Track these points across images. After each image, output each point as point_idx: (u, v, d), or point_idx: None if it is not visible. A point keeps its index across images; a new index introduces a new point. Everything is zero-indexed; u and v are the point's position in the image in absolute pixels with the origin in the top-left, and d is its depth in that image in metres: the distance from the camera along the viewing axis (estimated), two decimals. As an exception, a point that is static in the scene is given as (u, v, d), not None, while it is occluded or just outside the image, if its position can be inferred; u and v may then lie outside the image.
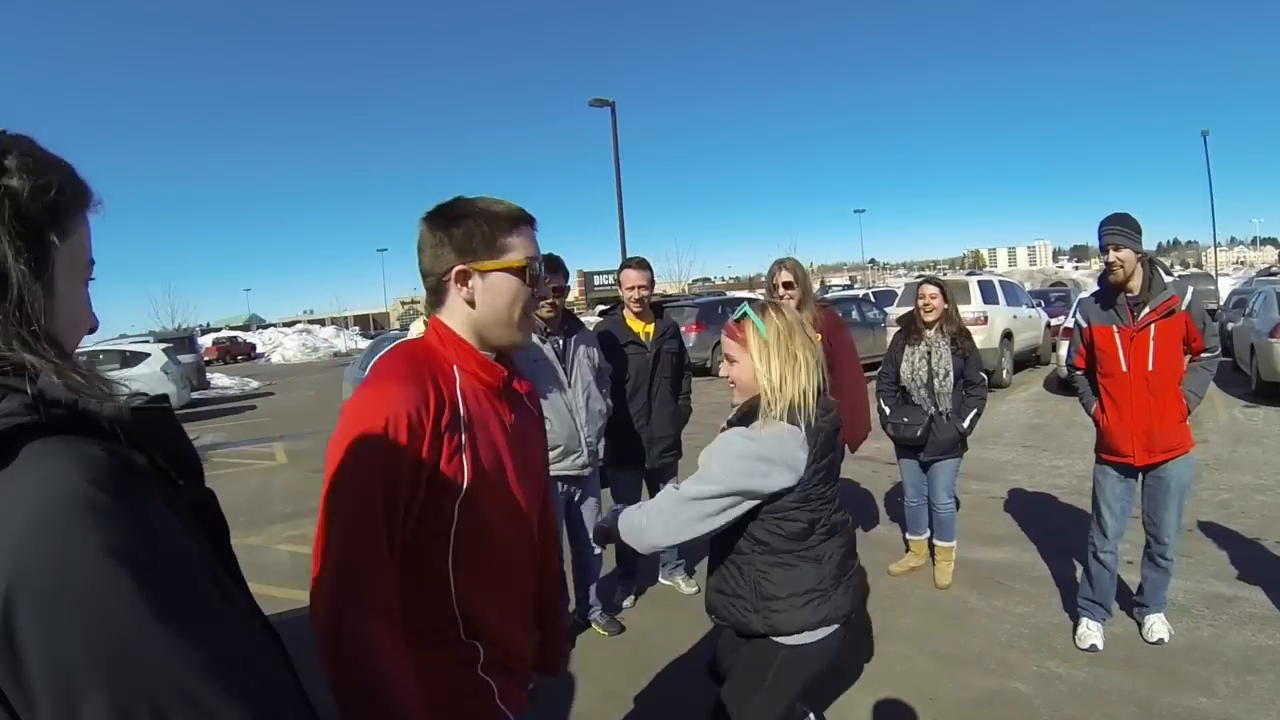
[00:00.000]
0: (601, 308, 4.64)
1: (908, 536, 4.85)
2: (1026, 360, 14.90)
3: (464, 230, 1.29)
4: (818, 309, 4.09)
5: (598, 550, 3.85)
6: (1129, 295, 3.41)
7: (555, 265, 3.58)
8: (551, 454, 3.50)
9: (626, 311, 4.18)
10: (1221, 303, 19.74)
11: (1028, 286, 22.20)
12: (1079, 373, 3.86)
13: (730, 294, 28.69)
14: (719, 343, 4.53)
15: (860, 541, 5.43)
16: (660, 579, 4.63)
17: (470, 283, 1.30)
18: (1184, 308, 3.40)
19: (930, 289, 4.51)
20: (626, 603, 4.36)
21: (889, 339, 13.44)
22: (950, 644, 3.91)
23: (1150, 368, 3.40)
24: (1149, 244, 3.54)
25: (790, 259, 4.19)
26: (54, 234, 0.71)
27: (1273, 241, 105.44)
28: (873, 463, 7.27)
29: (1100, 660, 3.71)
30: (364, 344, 19.99)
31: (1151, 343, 3.39)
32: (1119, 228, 3.36)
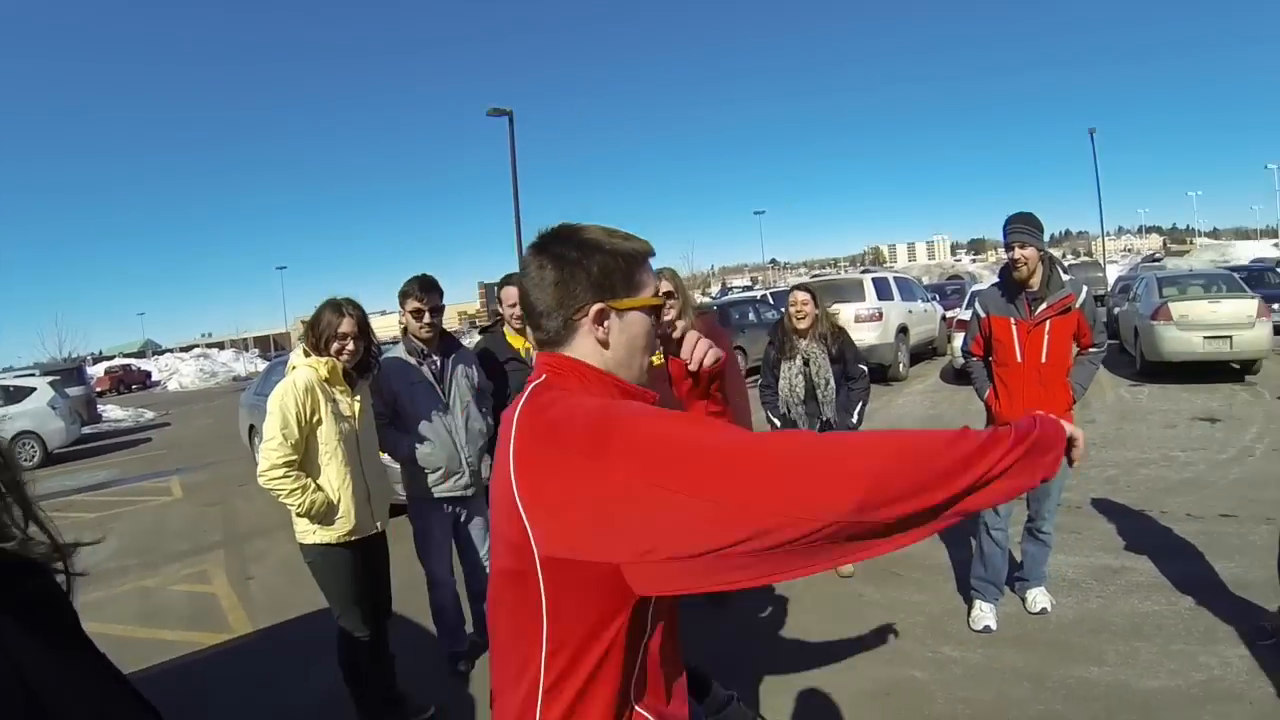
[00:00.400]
0: (482, 324, 4.73)
1: None
2: (923, 353, 15.73)
3: (601, 266, 1.24)
4: (697, 317, 4.26)
5: (487, 570, 3.84)
6: (1029, 291, 3.79)
7: (429, 285, 3.72)
8: (434, 476, 3.68)
9: (507, 328, 4.31)
10: (1109, 289, 21.29)
11: (926, 281, 23.34)
12: (975, 359, 4.06)
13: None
14: None
15: None
16: None
17: (607, 322, 1.25)
18: (1078, 306, 3.80)
19: (801, 295, 4.68)
20: None
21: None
22: (847, 637, 4.06)
23: (1043, 360, 3.78)
24: (1045, 234, 3.89)
25: (669, 269, 4.30)
26: None
27: (1157, 230, 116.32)
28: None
29: (994, 640, 3.90)
30: (263, 366, 19.34)
31: (1046, 337, 3.76)
32: (1024, 226, 3.73)
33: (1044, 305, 3.78)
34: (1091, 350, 4.00)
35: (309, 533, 3.21)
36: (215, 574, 6.44)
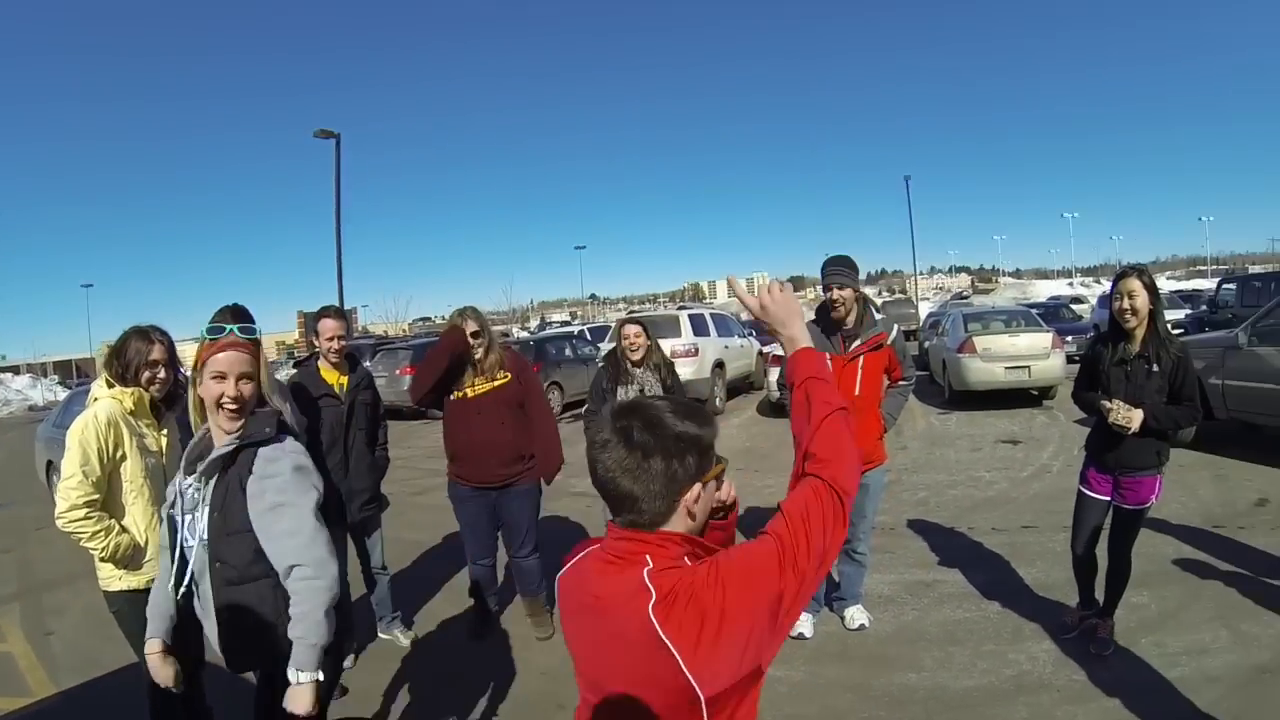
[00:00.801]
0: (296, 358, 4.70)
1: None
2: (740, 387, 16.35)
3: (699, 451, 1.44)
4: (504, 351, 4.56)
5: None
6: (844, 328, 4.16)
7: (242, 315, 3.51)
8: None
9: (321, 362, 4.38)
10: (921, 324, 23.28)
11: (744, 317, 24.33)
12: (790, 392, 4.26)
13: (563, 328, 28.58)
14: None
15: None
16: (379, 634, 4.78)
17: (700, 500, 1.45)
18: (889, 343, 4.24)
19: (633, 329, 4.99)
20: (347, 663, 4.32)
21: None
22: None
23: (856, 393, 4.11)
24: (860, 273, 4.33)
25: (470, 308, 4.54)
26: None
27: (966, 269, 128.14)
28: (585, 497, 7.40)
29: (816, 657, 4.11)
30: (64, 396, 17.16)
31: (860, 371, 4.14)
32: (842, 269, 4.14)
33: (858, 342, 4.16)
34: (901, 383, 4.44)
35: (114, 579, 3.05)
36: (10, 630, 5.83)
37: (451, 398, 4.40)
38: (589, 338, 20.06)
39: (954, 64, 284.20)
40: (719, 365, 14.69)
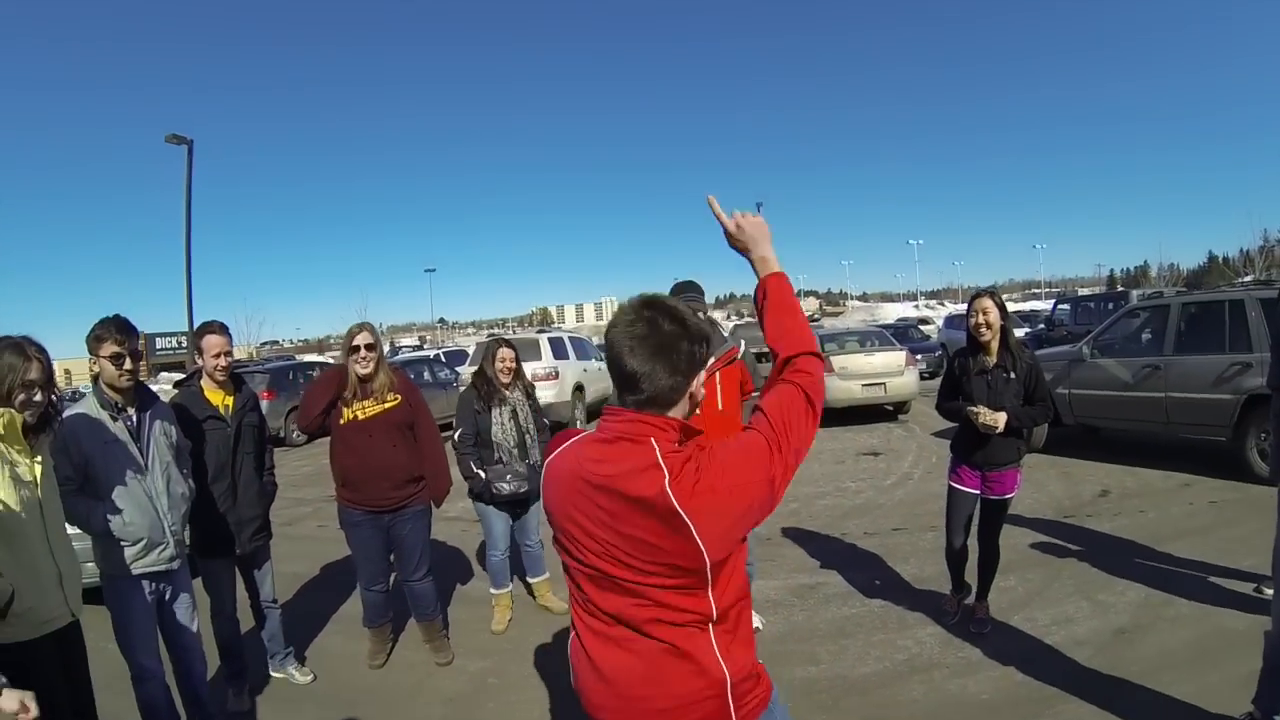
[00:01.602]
0: (177, 377, 4.48)
1: (494, 591, 5.21)
2: (598, 410, 16.48)
3: (706, 344, 1.69)
4: (392, 373, 4.53)
5: (199, 653, 3.74)
6: None
7: (127, 327, 3.46)
8: (135, 549, 3.39)
9: (204, 382, 4.20)
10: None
11: (597, 341, 24.67)
12: None
13: (301, 357, 27.45)
14: (293, 409, 4.32)
15: (461, 600, 5.60)
16: (271, 672, 4.60)
17: (699, 387, 1.70)
18: (740, 357, 4.50)
19: (509, 351, 5.16)
20: (241, 705, 4.28)
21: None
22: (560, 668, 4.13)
23: (719, 407, 4.32)
24: (710, 297, 4.48)
25: (367, 323, 4.50)
26: None
27: (814, 293, 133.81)
28: (462, 521, 7.33)
29: None
30: None
31: (719, 387, 4.30)
32: (692, 294, 4.48)
33: (711, 359, 4.27)
34: (753, 395, 4.69)
35: None
36: None
37: (341, 421, 4.35)
38: (444, 361, 19.91)
39: (808, 91, 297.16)
40: (579, 388, 14.96)
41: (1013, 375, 4.11)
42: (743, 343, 4.62)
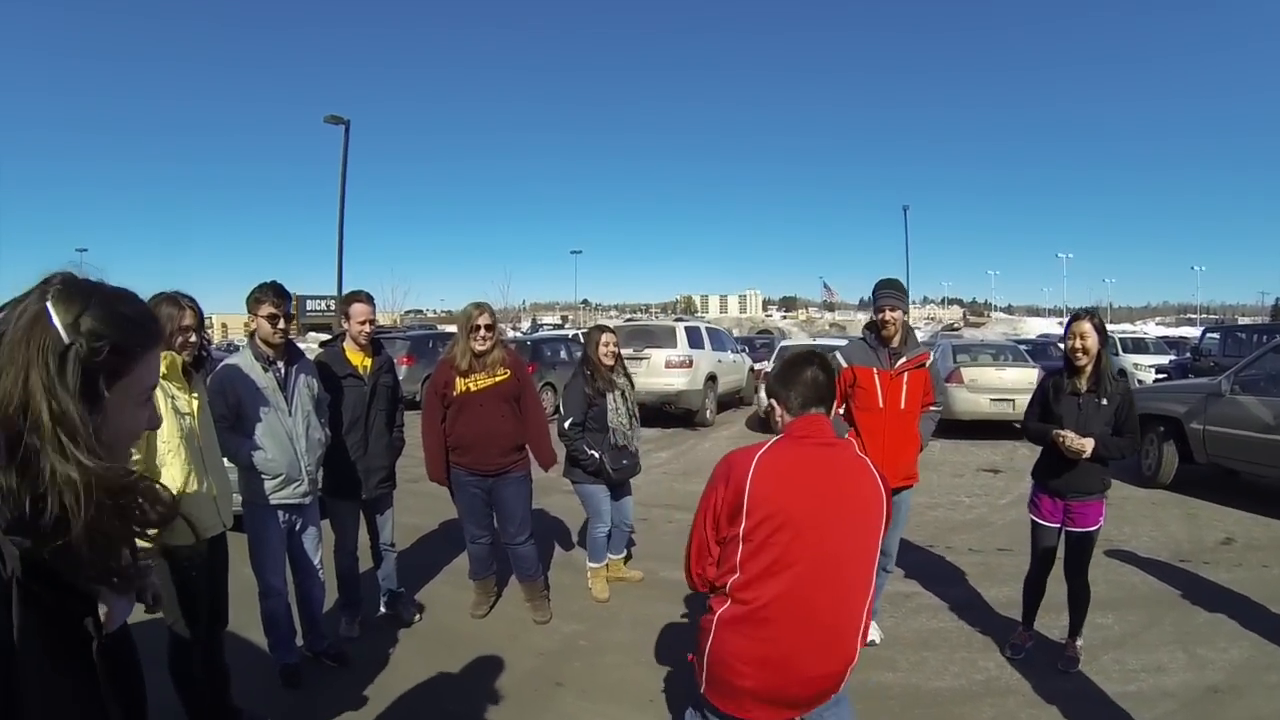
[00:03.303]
0: (324, 337, 5.09)
1: (592, 565, 5.48)
2: (730, 401, 16.65)
3: None
4: (504, 349, 4.89)
5: (321, 580, 4.25)
6: (890, 346, 4.40)
7: (283, 292, 3.95)
8: (274, 482, 3.85)
9: (347, 344, 4.63)
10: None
11: (736, 333, 24.74)
12: None
13: (442, 328, 28.87)
14: (429, 376, 4.71)
15: (564, 565, 5.89)
16: (382, 608, 5.00)
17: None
18: (929, 365, 4.54)
19: (610, 336, 5.42)
20: (353, 632, 4.73)
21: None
22: (662, 653, 4.44)
23: (902, 406, 4.39)
24: (853, 298, 4.54)
25: (485, 303, 4.84)
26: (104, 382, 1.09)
27: (959, 301, 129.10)
28: (570, 493, 7.64)
29: None
30: None
31: (904, 387, 4.39)
32: (894, 293, 4.43)
33: (903, 359, 4.41)
34: (933, 408, 4.66)
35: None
36: None
37: (455, 393, 4.69)
38: (582, 341, 20.36)
39: (960, 92, 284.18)
40: (711, 378, 14.92)
41: (1104, 402, 4.01)
42: (935, 351, 4.61)
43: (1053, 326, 57.71)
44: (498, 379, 4.71)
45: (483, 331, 4.68)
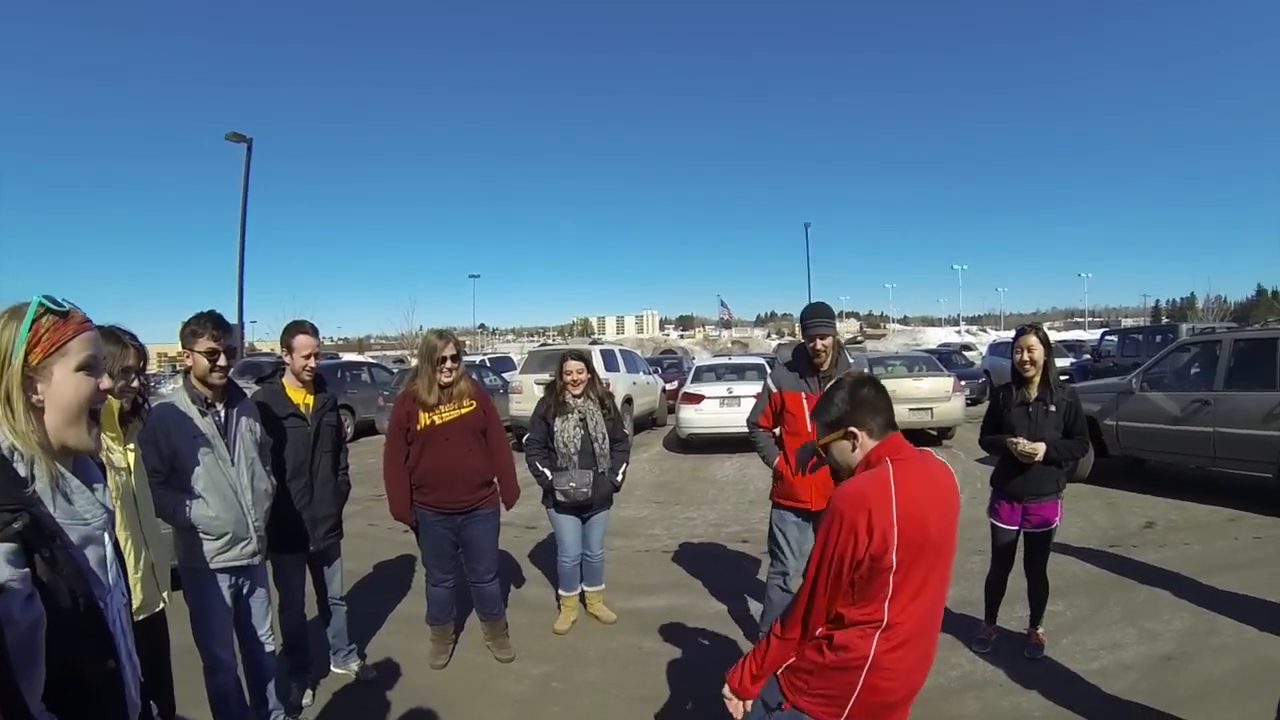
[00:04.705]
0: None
1: (562, 593, 5.51)
2: (645, 423, 16.90)
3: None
4: (469, 380, 4.78)
5: (270, 648, 3.83)
6: (821, 371, 4.47)
7: (221, 323, 3.53)
8: (218, 543, 3.46)
9: (288, 379, 4.32)
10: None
11: (645, 355, 25.16)
12: (761, 430, 4.80)
13: (345, 356, 28.19)
14: (342, 406, 4.38)
15: (518, 604, 5.84)
16: (332, 668, 4.73)
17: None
18: None
19: (575, 364, 5.34)
20: (305, 699, 4.41)
21: (510, 405, 14.08)
22: (639, 687, 4.45)
23: None
24: (749, 315, 4.74)
25: (448, 332, 4.73)
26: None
27: (855, 314, 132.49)
28: (515, 527, 7.68)
29: None
30: None
31: None
32: (825, 320, 4.45)
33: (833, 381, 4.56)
34: None
35: None
36: None
37: (419, 427, 4.55)
38: (489, 367, 20.47)
39: (855, 111, 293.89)
40: (628, 401, 15.20)
41: (1053, 408, 4.39)
42: (863, 369, 4.79)
43: (950, 335, 60.56)
44: (464, 411, 4.61)
45: (449, 363, 4.55)
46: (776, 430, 4.70)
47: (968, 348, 35.49)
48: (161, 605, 3.03)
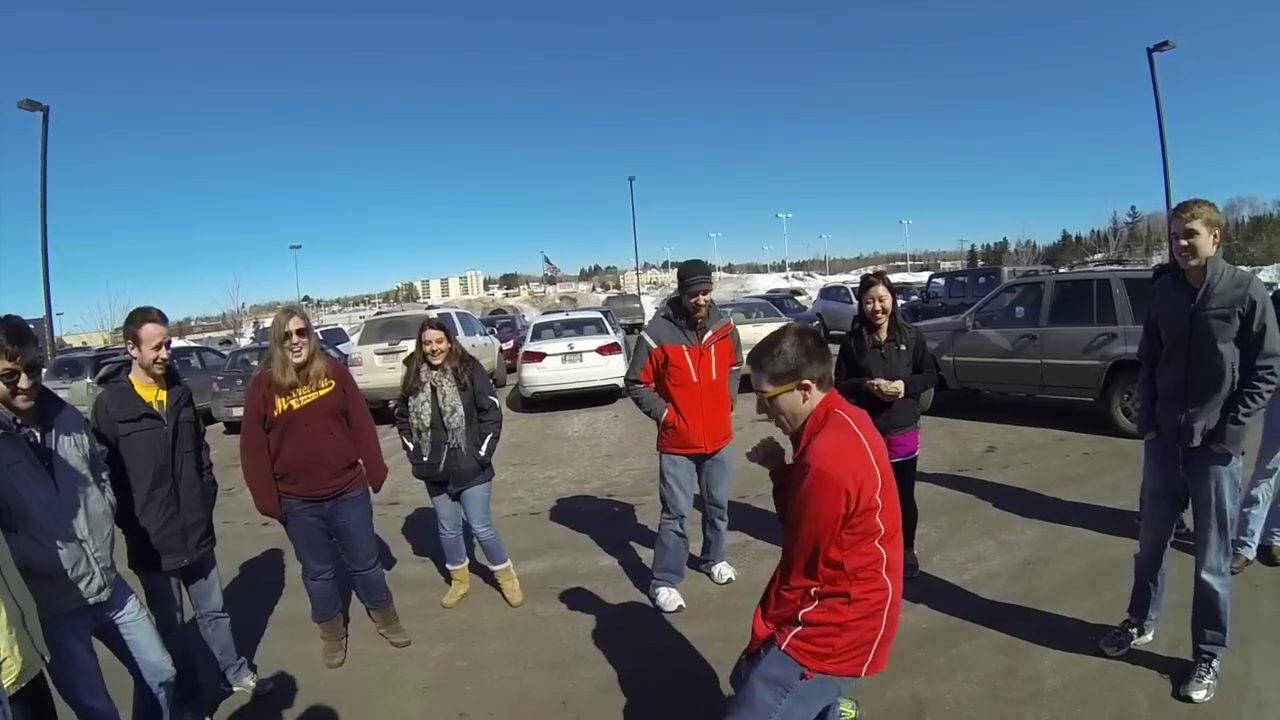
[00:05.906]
0: (103, 372, 3.97)
1: (449, 567, 5.52)
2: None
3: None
4: (325, 358, 4.58)
5: (164, 677, 3.44)
6: (698, 324, 4.85)
7: (21, 333, 2.93)
8: (55, 585, 2.97)
9: (135, 375, 3.87)
10: (647, 319, 25.15)
11: (477, 316, 24.94)
12: (640, 386, 5.03)
13: (175, 341, 26.13)
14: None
15: (399, 584, 5.55)
16: (227, 686, 4.40)
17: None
18: (730, 334, 5.09)
19: (435, 334, 5.20)
20: None
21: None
22: (544, 654, 4.53)
23: (713, 376, 4.92)
24: (573, 270, 5.05)
25: (298, 307, 4.45)
26: None
27: (679, 265, 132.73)
28: (378, 506, 7.53)
29: (681, 620, 4.75)
30: None
31: (714, 358, 4.93)
32: (705, 277, 4.84)
33: (709, 333, 4.93)
34: (735, 368, 5.18)
35: None
36: None
37: (275, 413, 4.33)
38: (322, 340, 19.80)
39: (679, 68, 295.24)
40: (469, 363, 15.03)
41: (903, 348, 4.88)
42: (730, 319, 5.18)
43: (778, 282, 63.28)
44: (322, 393, 4.40)
45: (294, 338, 4.30)
46: (653, 385, 4.97)
47: (798, 293, 36.74)
48: (45, 660, 2.67)
